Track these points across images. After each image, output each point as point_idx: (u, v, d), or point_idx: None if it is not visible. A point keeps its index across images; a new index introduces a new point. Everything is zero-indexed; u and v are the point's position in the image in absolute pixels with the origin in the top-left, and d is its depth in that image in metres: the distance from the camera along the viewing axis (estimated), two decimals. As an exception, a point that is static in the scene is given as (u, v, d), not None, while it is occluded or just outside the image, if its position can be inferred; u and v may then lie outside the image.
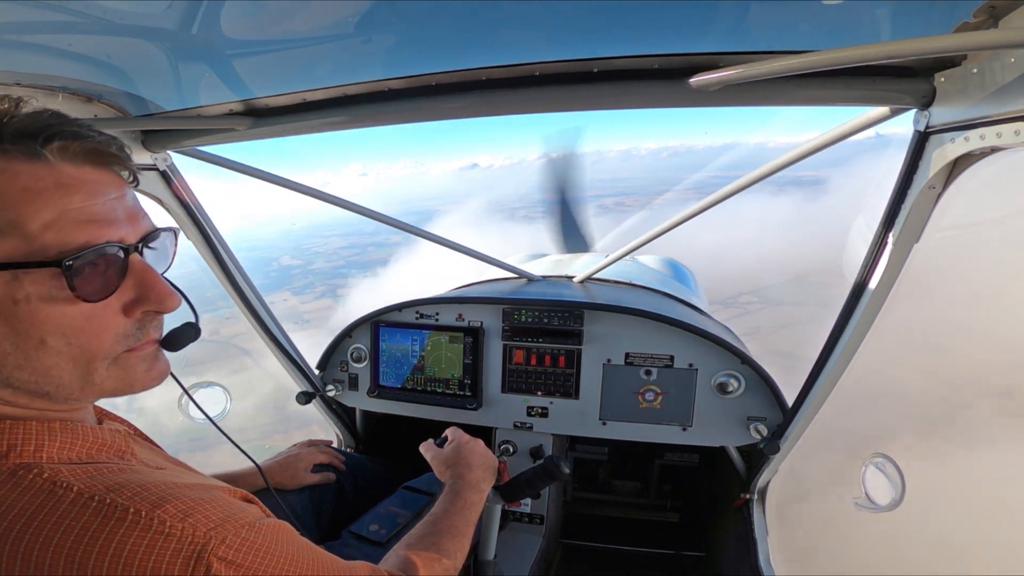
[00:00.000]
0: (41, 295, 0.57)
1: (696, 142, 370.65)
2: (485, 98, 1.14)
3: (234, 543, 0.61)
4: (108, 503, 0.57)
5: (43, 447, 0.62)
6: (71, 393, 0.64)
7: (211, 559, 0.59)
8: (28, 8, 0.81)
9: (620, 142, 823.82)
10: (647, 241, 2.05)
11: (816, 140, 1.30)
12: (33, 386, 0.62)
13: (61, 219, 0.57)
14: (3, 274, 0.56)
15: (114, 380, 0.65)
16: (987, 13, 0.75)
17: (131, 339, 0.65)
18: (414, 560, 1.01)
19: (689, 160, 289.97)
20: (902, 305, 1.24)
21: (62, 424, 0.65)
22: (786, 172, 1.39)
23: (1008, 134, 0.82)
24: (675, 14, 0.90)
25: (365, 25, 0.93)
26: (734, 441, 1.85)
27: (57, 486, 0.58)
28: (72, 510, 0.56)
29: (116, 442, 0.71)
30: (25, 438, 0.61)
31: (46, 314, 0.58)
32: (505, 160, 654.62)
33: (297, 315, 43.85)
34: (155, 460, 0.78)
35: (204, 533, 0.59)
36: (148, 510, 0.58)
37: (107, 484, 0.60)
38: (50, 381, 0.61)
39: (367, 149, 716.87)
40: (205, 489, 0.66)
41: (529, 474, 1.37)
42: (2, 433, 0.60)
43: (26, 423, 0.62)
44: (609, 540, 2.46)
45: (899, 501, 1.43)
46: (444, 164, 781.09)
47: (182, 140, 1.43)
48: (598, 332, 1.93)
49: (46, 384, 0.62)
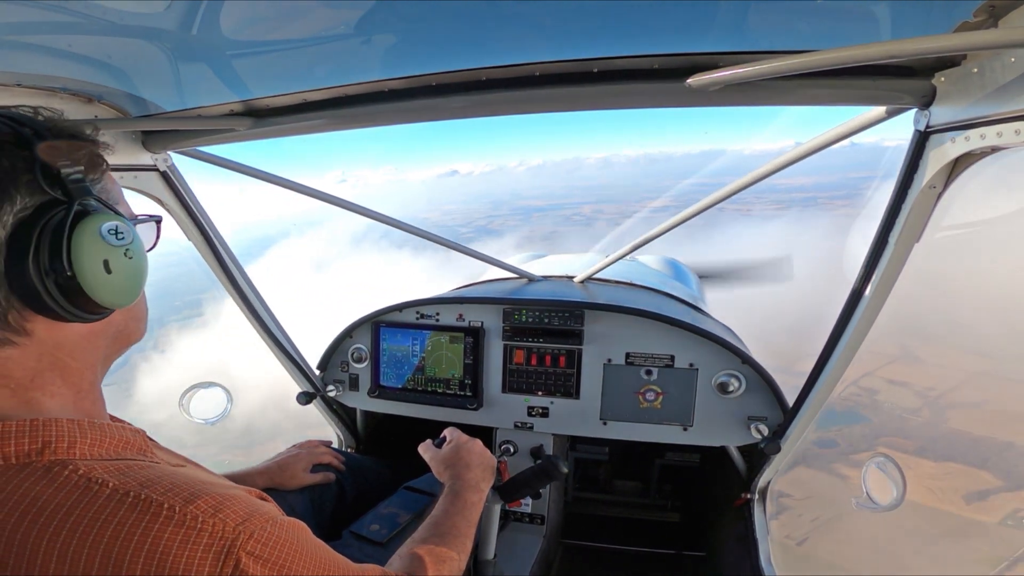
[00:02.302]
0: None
1: (674, 149, 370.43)
2: (485, 98, 1.14)
3: (261, 537, 0.64)
4: (143, 499, 0.59)
5: (75, 444, 0.64)
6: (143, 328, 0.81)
7: (240, 554, 0.61)
8: (28, 8, 0.81)
9: (600, 149, 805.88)
10: (647, 241, 2.05)
11: (815, 140, 1.30)
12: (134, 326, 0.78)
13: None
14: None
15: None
16: (987, 13, 0.75)
17: None
18: (420, 562, 1.02)
19: (667, 168, 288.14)
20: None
21: (90, 422, 0.68)
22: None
23: (1008, 133, 0.82)
24: (675, 14, 0.90)
25: (365, 25, 0.93)
26: (735, 441, 1.85)
27: (92, 482, 0.60)
28: (108, 506, 0.58)
29: (137, 440, 0.74)
30: (58, 435, 0.63)
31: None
32: (485, 167, 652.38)
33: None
34: (172, 459, 0.81)
35: (233, 528, 0.61)
36: (181, 506, 0.60)
37: (140, 480, 0.62)
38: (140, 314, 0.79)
39: (350, 154, 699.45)
40: (226, 486, 0.68)
41: (527, 474, 1.38)
42: (36, 430, 0.62)
43: (57, 421, 0.64)
44: (610, 540, 2.46)
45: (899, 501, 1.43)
46: (423, 171, 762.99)
47: (182, 140, 1.43)
48: (599, 332, 1.93)
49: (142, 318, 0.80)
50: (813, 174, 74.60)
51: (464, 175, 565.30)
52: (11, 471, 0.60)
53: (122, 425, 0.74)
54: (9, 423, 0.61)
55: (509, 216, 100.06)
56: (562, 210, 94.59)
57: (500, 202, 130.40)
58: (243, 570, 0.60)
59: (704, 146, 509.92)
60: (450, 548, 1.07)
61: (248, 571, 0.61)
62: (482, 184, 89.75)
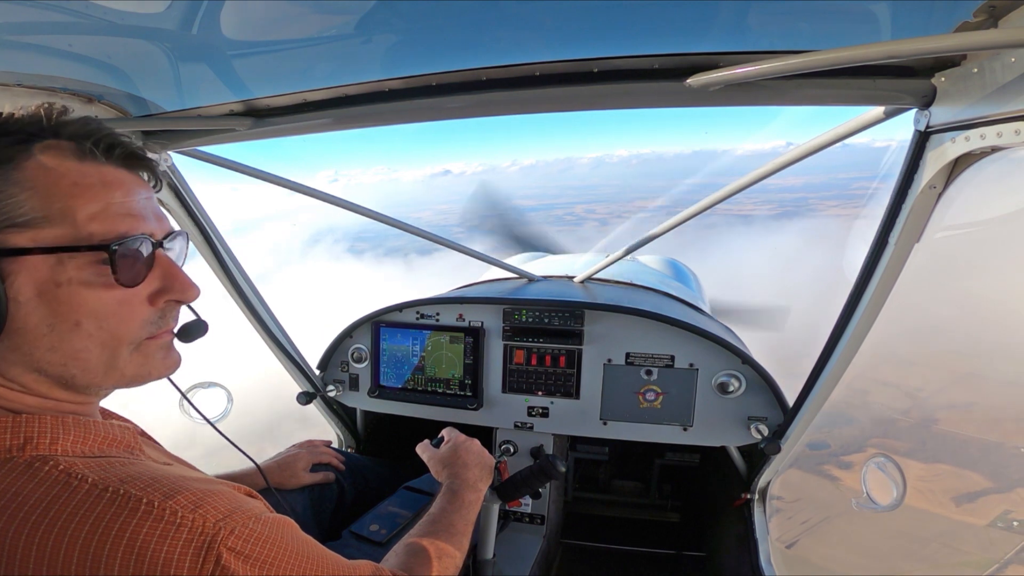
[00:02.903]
0: (81, 279, 0.62)
1: (666, 149, 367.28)
2: (485, 98, 1.14)
3: (242, 534, 0.63)
4: (122, 494, 0.59)
5: (58, 440, 0.64)
6: (94, 378, 0.67)
7: (221, 549, 0.60)
8: (28, 8, 0.81)
9: (593, 149, 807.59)
10: (647, 241, 2.05)
11: (815, 141, 1.30)
12: (60, 369, 0.65)
13: (105, 211, 0.64)
14: (48, 258, 0.61)
15: (135, 366, 0.69)
16: (987, 13, 0.74)
17: (153, 327, 0.70)
18: (415, 560, 1.01)
19: (659, 168, 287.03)
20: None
21: (75, 419, 0.67)
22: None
23: (1008, 133, 0.81)
24: (675, 14, 0.90)
25: (365, 25, 0.93)
26: (735, 441, 1.85)
27: (72, 477, 0.60)
28: (87, 500, 0.58)
29: (125, 438, 0.73)
30: (41, 431, 0.63)
31: (84, 297, 0.63)
32: (478, 167, 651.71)
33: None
34: (161, 457, 0.81)
35: (214, 524, 0.61)
36: (160, 500, 0.59)
37: (120, 476, 0.62)
38: (78, 364, 0.65)
39: (342, 154, 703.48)
40: (211, 483, 0.68)
41: (525, 473, 1.38)
42: (18, 426, 0.62)
43: (41, 417, 0.64)
44: (610, 540, 2.46)
45: (900, 501, 1.43)
46: (416, 171, 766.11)
47: (182, 140, 1.44)
48: (599, 332, 1.93)
49: (73, 367, 0.65)
50: (803, 175, 74.62)
51: (457, 174, 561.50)
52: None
53: (111, 423, 0.74)
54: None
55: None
56: (554, 210, 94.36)
57: (493, 202, 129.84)
58: (225, 566, 0.60)
59: (696, 146, 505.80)
60: (447, 546, 1.07)
61: (230, 567, 0.60)
62: (475, 184, 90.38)
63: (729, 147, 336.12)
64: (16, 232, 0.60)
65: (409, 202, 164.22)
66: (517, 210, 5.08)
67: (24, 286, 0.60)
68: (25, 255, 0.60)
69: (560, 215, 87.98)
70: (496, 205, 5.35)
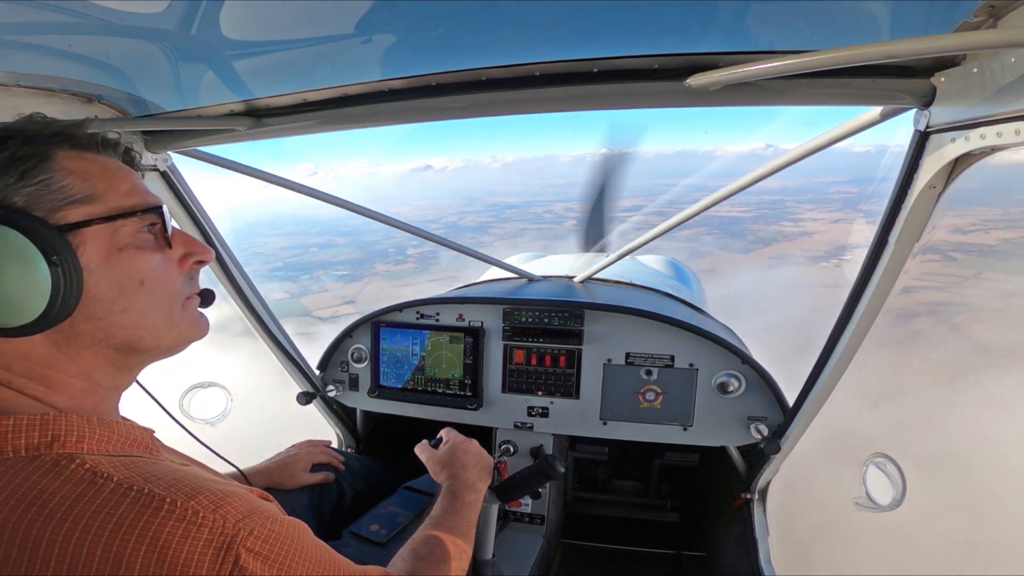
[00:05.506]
0: (135, 243, 0.71)
1: (647, 149, 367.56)
2: (485, 98, 1.14)
3: (261, 534, 0.64)
4: (146, 493, 0.60)
5: (84, 438, 0.66)
6: (158, 338, 0.74)
7: (240, 550, 0.61)
8: (28, 8, 0.81)
9: (574, 148, 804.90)
10: (647, 241, 2.05)
11: (814, 142, 1.30)
12: (130, 332, 0.71)
13: (134, 188, 0.74)
14: (107, 227, 0.68)
15: (186, 324, 0.78)
16: (987, 13, 0.75)
17: (186, 288, 0.79)
18: (422, 564, 1.02)
19: (641, 167, 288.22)
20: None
21: (99, 419, 0.69)
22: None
23: (1008, 133, 0.82)
24: (675, 14, 0.90)
25: (365, 25, 0.93)
26: (735, 441, 1.85)
27: (98, 476, 0.61)
28: (112, 499, 0.59)
29: (144, 439, 0.75)
30: (68, 429, 0.65)
31: (141, 259, 0.71)
32: (461, 163, 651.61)
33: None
34: (177, 458, 0.82)
35: (233, 524, 0.61)
36: (184, 500, 0.60)
37: (144, 475, 0.63)
38: (146, 323, 0.72)
39: (323, 147, 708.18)
40: (228, 484, 0.69)
41: (524, 473, 1.38)
42: (46, 424, 0.64)
43: (68, 416, 0.66)
44: (609, 540, 2.46)
45: (900, 501, 1.43)
46: (396, 166, 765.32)
47: (182, 141, 1.43)
48: (598, 332, 1.93)
49: (142, 328, 0.72)
50: (780, 178, 75.14)
51: (438, 170, 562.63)
52: (20, 464, 0.61)
53: (131, 423, 0.76)
54: (20, 417, 0.63)
55: (481, 212, 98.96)
56: (533, 207, 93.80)
57: (473, 198, 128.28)
58: (243, 566, 0.60)
59: (679, 147, 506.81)
60: (451, 548, 1.07)
61: (248, 567, 0.61)
62: (456, 179, 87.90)
63: (711, 148, 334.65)
64: (74, 208, 0.67)
65: (385, 196, 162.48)
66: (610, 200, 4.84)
67: (93, 254, 0.67)
68: (88, 226, 0.67)
69: (539, 212, 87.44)
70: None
